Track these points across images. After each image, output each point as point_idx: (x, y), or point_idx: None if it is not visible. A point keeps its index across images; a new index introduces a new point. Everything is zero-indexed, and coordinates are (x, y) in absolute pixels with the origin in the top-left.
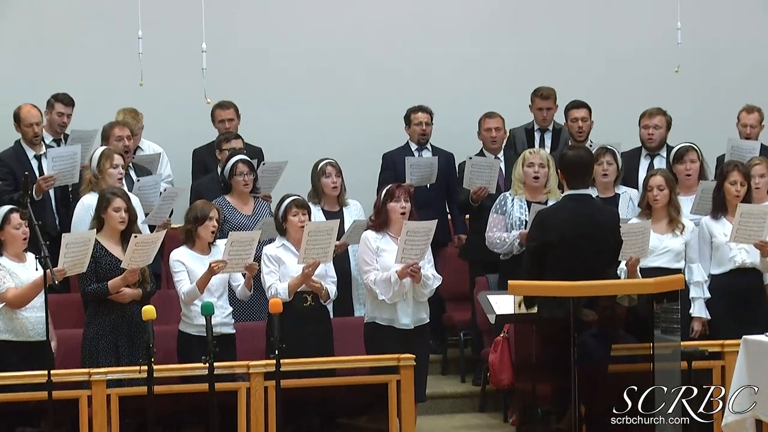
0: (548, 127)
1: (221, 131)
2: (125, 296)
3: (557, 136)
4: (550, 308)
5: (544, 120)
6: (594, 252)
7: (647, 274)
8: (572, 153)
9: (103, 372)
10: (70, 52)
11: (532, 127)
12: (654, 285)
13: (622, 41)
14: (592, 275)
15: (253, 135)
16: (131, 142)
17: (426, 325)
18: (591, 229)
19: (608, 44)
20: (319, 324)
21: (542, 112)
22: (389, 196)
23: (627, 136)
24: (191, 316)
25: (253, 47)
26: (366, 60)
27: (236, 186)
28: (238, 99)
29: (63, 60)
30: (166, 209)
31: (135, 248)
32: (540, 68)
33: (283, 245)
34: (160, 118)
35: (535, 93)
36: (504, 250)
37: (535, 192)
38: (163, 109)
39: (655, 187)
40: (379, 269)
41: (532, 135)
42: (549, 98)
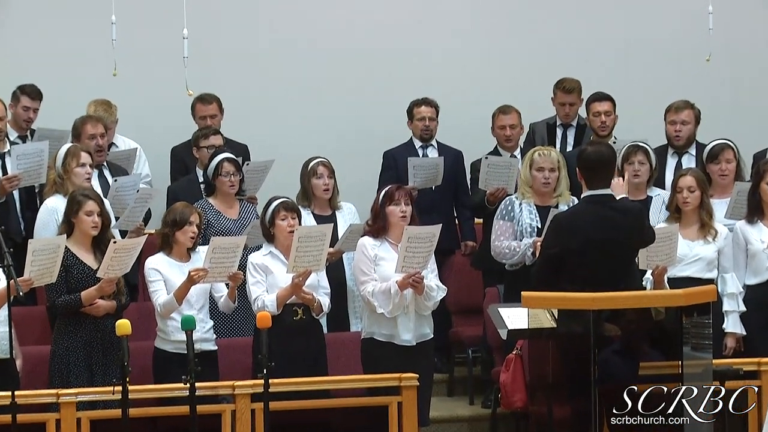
0: (571, 122)
1: (202, 128)
2: (99, 309)
3: (581, 133)
4: (568, 322)
5: (567, 115)
6: (617, 260)
7: (676, 285)
8: (592, 149)
9: (72, 393)
10: (36, 38)
11: (554, 122)
12: (683, 297)
13: (646, 27)
14: (614, 285)
15: (237, 130)
16: (105, 140)
17: (430, 341)
18: (614, 234)
19: (631, 30)
20: (311, 340)
21: (565, 107)
22: (388, 198)
23: (651, 132)
24: (168, 330)
25: (239, 34)
26: (364, 46)
27: (221, 187)
28: (223, 90)
29: (28, 47)
30: (139, 212)
31: (114, 255)
32: (558, 56)
33: (270, 253)
34: (136, 112)
35: (558, 85)
36: (514, 261)
37: (544, 196)
38: (140, 102)
39: (685, 189)
40: (378, 279)
41: (554, 131)
42: (573, 92)
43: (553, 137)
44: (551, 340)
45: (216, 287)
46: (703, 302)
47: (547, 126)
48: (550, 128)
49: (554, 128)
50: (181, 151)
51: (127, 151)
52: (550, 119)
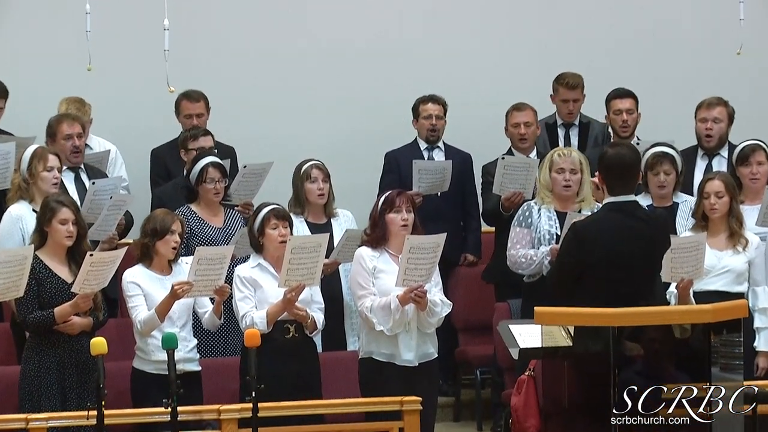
0: (574, 121)
1: (187, 127)
2: (74, 326)
3: (585, 133)
4: (585, 340)
5: (570, 113)
6: (640, 273)
7: (703, 299)
8: (614, 152)
9: (43, 418)
10: (2, 29)
11: (554, 121)
12: (711, 312)
13: (671, 17)
14: (636, 300)
15: (224, 130)
16: (82, 140)
17: (434, 361)
18: (637, 245)
19: (655, 21)
20: (304, 360)
21: (568, 104)
22: (388, 205)
23: (678, 131)
24: (148, 350)
25: (226, 25)
26: (365, 39)
27: (205, 194)
28: (208, 87)
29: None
30: (112, 221)
31: (90, 269)
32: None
33: (259, 265)
34: (113, 111)
35: (559, 81)
36: (530, 271)
37: (566, 201)
38: (117, 100)
39: (712, 194)
40: (377, 294)
41: (555, 131)
42: (577, 87)
43: (554, 138)
44: (567, 360)
45: (200, 302)
46: (732, 318)
47: (547, 126)
48: (550, 128)
49: (555, 128)
50: (162, 153)
51: (99, 153)
52: (549, 119)
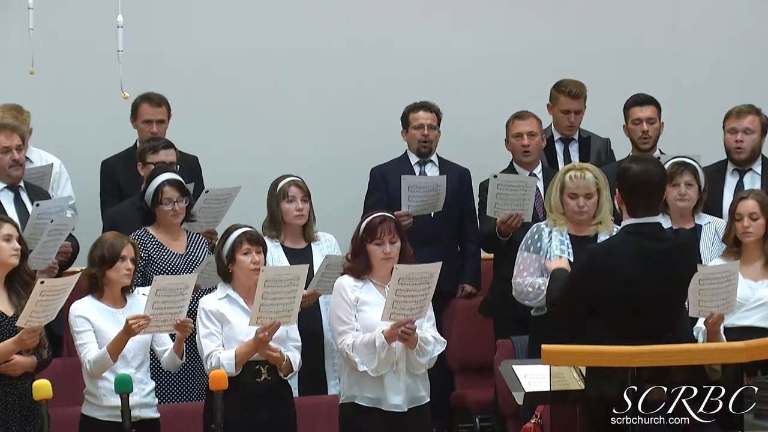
0: (573, 135)
1: (145, 135)
2: (17, 366)
3: (586, 148)
4: (600, 383)
5: (572, 126)
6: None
7: (735, 336)
8: (637, 168)
9: None
10: None
11: (551, 135)
12: (744, 351)
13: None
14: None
15: (185, 141)
16: (22, 153)
17: (425, 406)
18: (661, 272)
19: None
20: (277, 406)
21: (569, 115)
22: (369, 234)
23: (703, 144)
24: (99, 393)
25: (189, 21)
26: (347, 39)
27: (162, 217)
28: (168, 92)
29: None
30: (52, 247)
31: (40, 299)
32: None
33: (227, 296)
34: (57, 119)
35: (560, 89)
36: (538, 302)
37: (580, 225)
38: (62, 106)
39: (746, 216)
40: (360, 329)
41: (553, 147)
42: (580, 97)
43: (551, 154)
44: (579, 406)
45: (159, 339)
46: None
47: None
48: (546, 143)
49: (552, 143)
50: (114, 166)
51: (40, 168)
52: (545, 132)
